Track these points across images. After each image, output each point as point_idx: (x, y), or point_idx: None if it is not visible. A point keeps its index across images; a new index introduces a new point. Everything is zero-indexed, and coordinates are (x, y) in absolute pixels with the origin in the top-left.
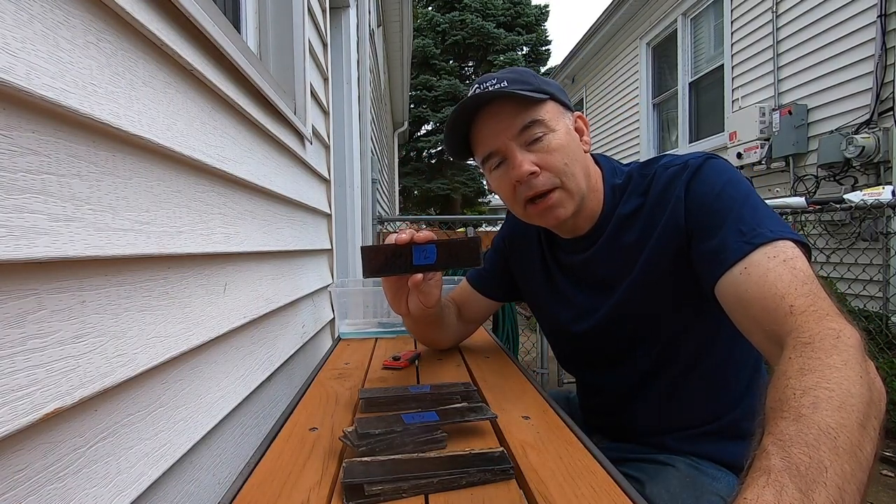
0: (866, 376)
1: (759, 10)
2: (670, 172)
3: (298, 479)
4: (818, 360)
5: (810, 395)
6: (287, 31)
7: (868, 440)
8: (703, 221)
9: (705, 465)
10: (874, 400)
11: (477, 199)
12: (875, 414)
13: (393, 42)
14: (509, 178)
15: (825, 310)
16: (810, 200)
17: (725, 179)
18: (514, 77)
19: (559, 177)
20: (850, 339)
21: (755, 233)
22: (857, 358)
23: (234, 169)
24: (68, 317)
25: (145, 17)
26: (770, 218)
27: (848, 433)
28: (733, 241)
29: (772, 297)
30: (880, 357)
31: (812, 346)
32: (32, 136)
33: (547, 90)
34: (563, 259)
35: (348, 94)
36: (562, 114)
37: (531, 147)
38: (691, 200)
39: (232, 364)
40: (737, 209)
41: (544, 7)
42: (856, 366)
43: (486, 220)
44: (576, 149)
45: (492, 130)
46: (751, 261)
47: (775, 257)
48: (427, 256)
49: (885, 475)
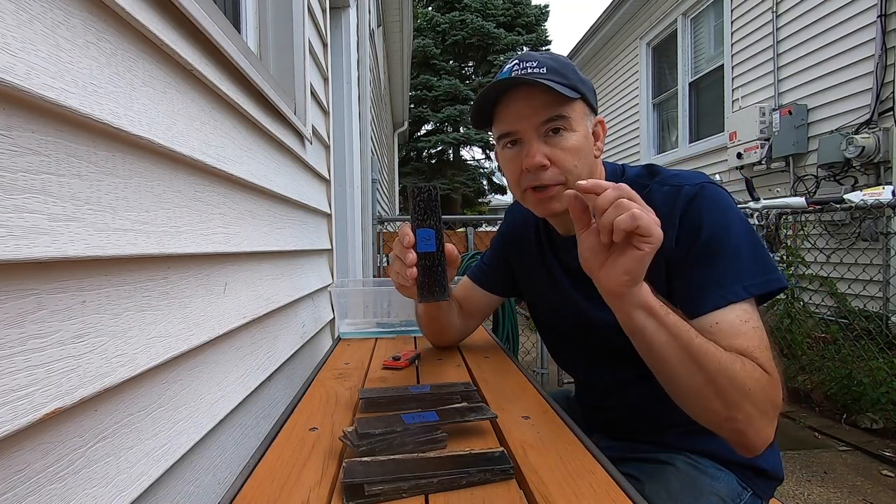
0: (750, 406)
1: (759, 10)
2: (665, 192)
3: (298, 479)
4: (745, 360)
5: (715, 349)
6: (287, 31)
7: (700, 380)
8: (691, 259)
9: (705, 463)
10: (733, 404)
11: (477, 199)
12: (716, 400)
13: (393, 42)
14: (519, 162)
15: (778, 383)
16: (810, 200)
17: (719, 219)
18: (556, 67)
19: (566, 175)
20: (773, 398)
21: (732, 290)
22: (759, 396)
23: (234, 169)
24: (68, 317)
25: (145, 17)
26: (753, 266)
27: (708, 362)
28: (711, 292)
29: (743, 350)
30: (880, 357)
31: (755, 368)
32: (32, 136)
33: (580, 89)
34: (562, 257)
35: (348, 94)
36: (586, 116)
37: (549, 139)
38: (683, 230)
39: (232, 364)
40: (723, 257)
41: (544, 7)
42: (760, 394)
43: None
44: (588, 152)
45: (518, 112)
46: (723, 318)
47: (746, 322)
48: (428, 240)
49: (885, 475)
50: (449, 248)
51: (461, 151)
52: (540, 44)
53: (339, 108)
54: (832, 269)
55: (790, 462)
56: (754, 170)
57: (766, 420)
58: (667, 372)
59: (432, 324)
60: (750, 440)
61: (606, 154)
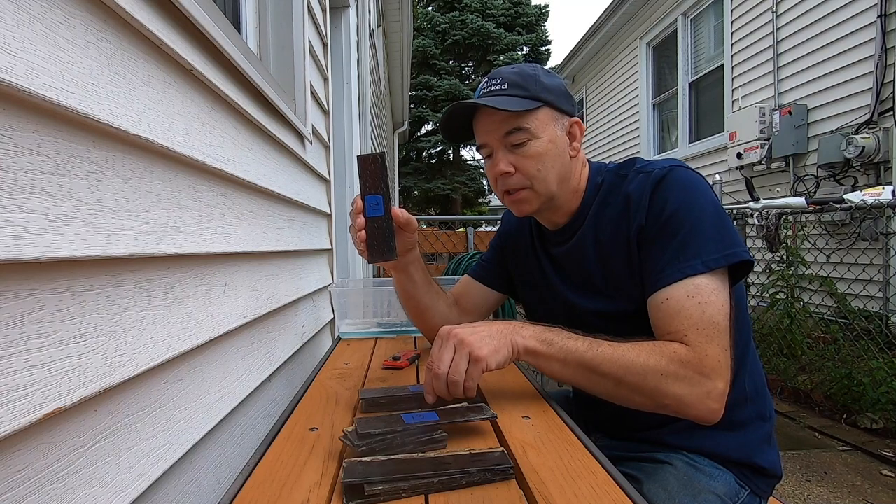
0: (675, 386)
1: (759, 10)
2: (640, 179)
3: (298, 479)
4: (653, 344)
5: (622, 345)
6: (287, 31)
7: (606, 382)
8: (654, 235)
9: (703, 462)
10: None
11: (477, 199)
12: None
13: (393, 42)
14: (492, 171)
15: (709, 354)
16: (810, 200)
17: (682, 198)
18: (518, 81)
19: (530, 180)
20: (694, 370)
21: (689, 264)
22: (683, 377)
23: (234, 169)
24: (68, 317)
25: (145, 17)
26: (713, 241)
27: (608, 369)
28: (669, 267)
29: (675, 331)
30: (880, 357)
31: (666, 347)
32: (32, 136)
33: (544, 98)
34: (550, 250)
35: (348, 94)
36: (553, 120)
37: (514, 149)
38: (651, 210)
39: (232, 364)
40: (683, 234)
41: (544, 7)
42: (683, 371)
43: (486, 220)
44: (556, 155)
45: (485, 128)
46: (674, 294)
47: (693, 297)
48: (376, 205)
49: (885, 475)
50: (396, 212)
51: (461, 151)
52: (540, 44)
53: (339, 108)
54: (832, 269)
55: (790, 462)
56: (754, 170)
57: (698, 390)
58: (580, 386)
59: (412, 304)
60: (691, 413)
61: (606, 154)
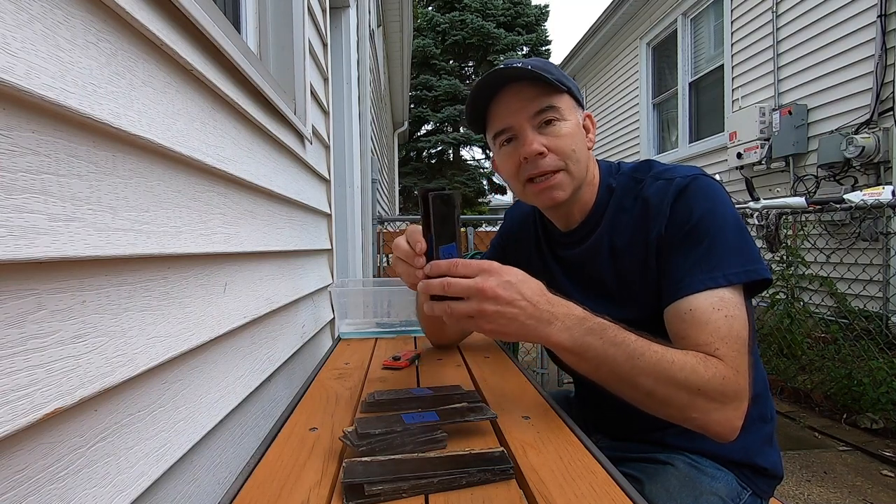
0: (704, 402)
1: (759, 10)
2: (659, 186)
3: (298, 479)
4: (695, 357)
5: (668, 351)
6: (287, 31)
7: (642, 387)
8: (676, 242)
9: (704, 463)
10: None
11: (477, 199)
12: (662, 397)
13: (393, 42)
14: (517, 155)
15: (740, 371)
16: (810, 200)
17: (707, 207)
18: (540, 65)
19: (565, 160)
20: (730, 390)
21: (712, 276)
22: (718, 396)
23: (234, 169)
24: (68, 317)
25: (145, 17)
26: (736, 255)
27: (640, 378)
28: (690, 276)
29: (705, 344)
30: (880, 357)
31: (709, 363)
32: (32, 136)
33: (567, 84)
34: (559, 253)
35: (348, 94)
36: (575, 108)
37: (543, 130)
38: (672, 220)
39: (232, 364)
40: (707, 243)
41: (544, 7)
42: (716, 388)
43: (486, 221)
44: (582, 141)
45: (510, 108)
46: (698, 304)
47: (719, 310)
48: (450, 256)
49: (885, 475)
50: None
51: (461, 151)
52: (540, 44)
53: (339, 108)
54: (832, 269)
55: (790, 462)
56: (754, 170)
57: (727, 410)
58: (608, 389)
59: (436, 322)
60: (713, 430)
61: (607, 154)
